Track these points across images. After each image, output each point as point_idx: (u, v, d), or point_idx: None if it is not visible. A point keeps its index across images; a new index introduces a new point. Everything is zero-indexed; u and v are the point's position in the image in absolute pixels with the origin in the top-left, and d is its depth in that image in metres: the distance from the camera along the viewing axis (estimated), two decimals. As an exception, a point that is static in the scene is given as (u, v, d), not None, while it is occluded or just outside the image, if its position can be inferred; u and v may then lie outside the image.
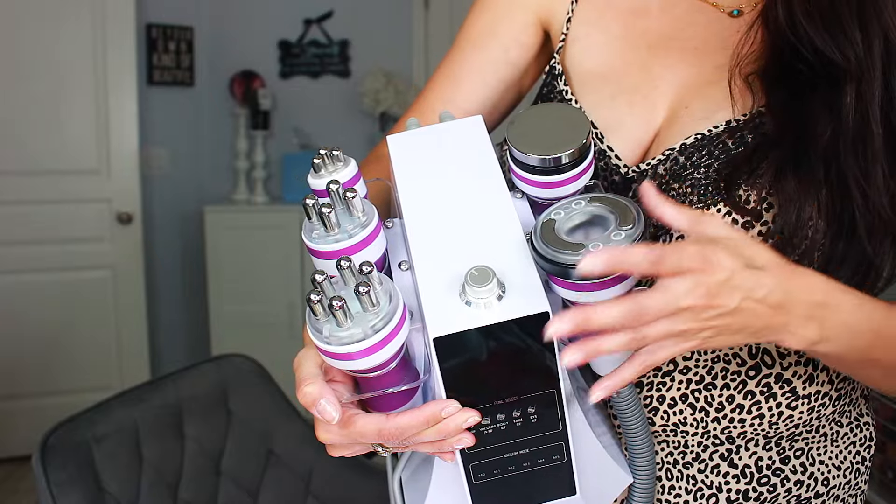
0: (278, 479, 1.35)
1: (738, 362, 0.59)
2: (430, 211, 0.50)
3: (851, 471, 0.66)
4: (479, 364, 0.44)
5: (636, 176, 0.63)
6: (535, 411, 0.46)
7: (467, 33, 0.74)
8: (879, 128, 0.53)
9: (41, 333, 2.81)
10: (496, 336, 0.43)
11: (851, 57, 0.53)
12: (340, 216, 0.48)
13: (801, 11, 0.55)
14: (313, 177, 0.53)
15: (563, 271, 0.43)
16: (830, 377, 0.61)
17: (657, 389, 0.60)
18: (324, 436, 0.48)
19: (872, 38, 0.53)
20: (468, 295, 0.43)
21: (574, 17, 0.69)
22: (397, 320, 0.43)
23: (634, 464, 0.57)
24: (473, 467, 0.48)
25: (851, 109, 0.53)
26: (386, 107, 3.17)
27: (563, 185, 0.51)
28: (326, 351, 0.43)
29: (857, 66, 0.53)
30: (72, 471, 1.07)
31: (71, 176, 2.81)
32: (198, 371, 1.35)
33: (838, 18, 0.54)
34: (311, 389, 0.45)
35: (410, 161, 0.54)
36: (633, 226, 0.43)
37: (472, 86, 0.73)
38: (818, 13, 0.55)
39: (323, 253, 0.48)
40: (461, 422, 0.45)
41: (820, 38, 0.54)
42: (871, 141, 0.53)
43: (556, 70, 0.70)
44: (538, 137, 0.51)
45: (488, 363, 0.44)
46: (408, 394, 0.49)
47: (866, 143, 0.53)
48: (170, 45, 3.13)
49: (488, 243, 0.47)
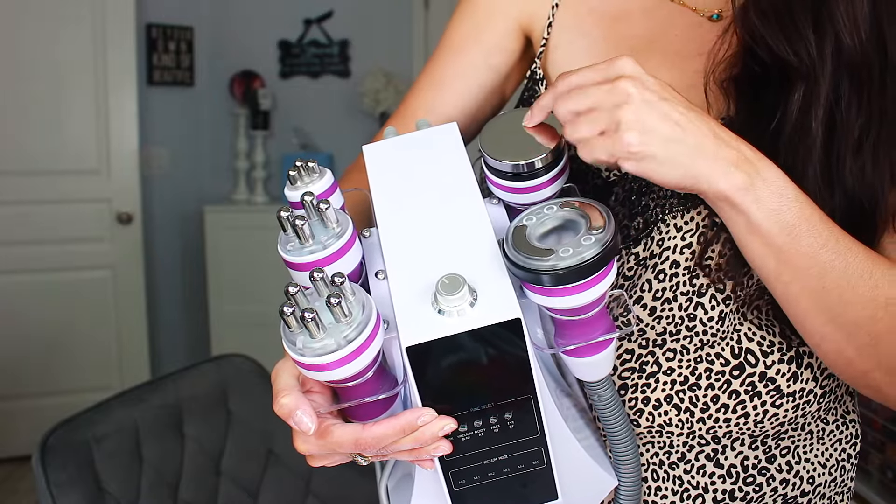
0: (278, 479, 1.35)
1: (722, 362, 0.60)
2: (403, 220, 0.50)
3: (837, 468, 0.66)
4: (454, 371, 0.44)
5: (617, 179, 0.63)
6: (512, 417, 0.46)
7: (449, 40, 0.75)
8: (820, 128, 0.53)
9: (41, 333, 2.81)
10: (469, 343, 0.43)
11: (804, 56, 0.53)
12: (315, 227, 0.48)
13: (755, 11, 0.55)
14: (289, 189, 0.53)
15: (534, 277, 0.43)
16: (815, 375, 0.61)
17: (641, 391, 0.61)
18: (302, 446, 0.48)
19: (825, 38, 0.53)
20: (440, 303, 0.43)
21: (555, 22, 0.70)
22: (370, 330, 0.43)
23: (619, 466, 0.58)
24: (453, 474, 0.48)
25: (796, 108, 0.54)
26: (386, 107, 3.17)
27: (538, 190, 0.52)
28: (301, 362, 0.43)
29: (809, 65, 0.53)
30: (72, 471, 1.07)
31: (71, 176, 2.81)
32: (198, 371, 1.35)
33: (792, 17, 0.54)
34: (286, 401, 0.45)
35: (385, 170, 0.54)
36: (603, 229, 0.44)
37: (453, 92, 0.73)
38: (773, 11, 0.55)
39: (297, 265, 0.48)
40: (437, 430, 0.45)
41: (773, 36, 0.54)
42: (810, 141, 0.54)
43: (537, 75, 0.70)
44: (511, 144, 0.51)
45: (463, 370, 0.44)
46: (386, 402, 0.49)
47: (805, 142, 0.54)
48: (170, 45, 3.13)
49: (461, 250, 0.47)
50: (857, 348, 0.52)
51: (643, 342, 0.61)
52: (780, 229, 0.50)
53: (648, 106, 0.48)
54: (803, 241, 0.50)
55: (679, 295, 0.59)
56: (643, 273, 0.61)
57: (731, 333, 0.60)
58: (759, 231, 0.50)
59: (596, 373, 0.53)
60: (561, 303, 0.45)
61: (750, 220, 0.50)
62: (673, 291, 0.59)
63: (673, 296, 0.60)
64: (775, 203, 0.49)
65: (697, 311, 0.59)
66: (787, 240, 0.50)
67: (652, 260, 0.60)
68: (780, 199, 0.49)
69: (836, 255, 0.50)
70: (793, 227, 0.50)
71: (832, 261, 0.50)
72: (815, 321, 0.53)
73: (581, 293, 0.44)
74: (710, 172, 0.48)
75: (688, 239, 0.59)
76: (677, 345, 0.60)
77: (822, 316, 0.52)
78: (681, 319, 0.60)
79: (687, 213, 0.59)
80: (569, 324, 0.49)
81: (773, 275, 0.52)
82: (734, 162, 0.49)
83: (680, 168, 0.48)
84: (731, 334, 0.60)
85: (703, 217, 0.58)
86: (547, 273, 0.42)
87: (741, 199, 0.49)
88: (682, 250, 0.59)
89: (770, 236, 0.50)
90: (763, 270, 0.53)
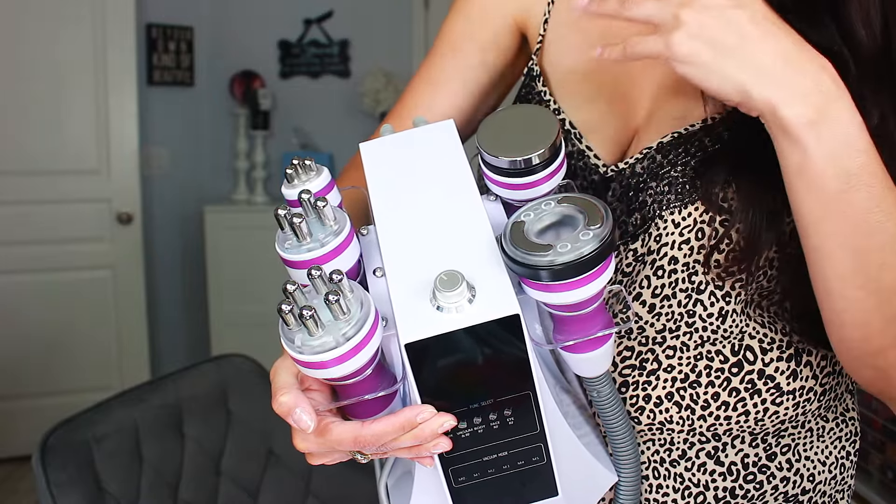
0: (278, 479, 1.35)
1: (721, 359, 0.60)
2: (400, 217, 0.50)
3: (837, 466, 0.66)
4: (453, 368, 0.44)
5: (615, 175, 0.63)
6: (511, 413, 0.46)
7: (445, 38, 0.75)
8: None
9: (41, 333, 2.81)
10: (468, 340, 0.43)
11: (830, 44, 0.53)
12: (312, 225, 0.48)
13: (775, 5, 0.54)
14: (286, 187, 0.53)
15: (532, 273, 0.43)
16: (815, 372, 0.61)
17: (642, 388, 0.61)
18: (301, 444, 0.48)
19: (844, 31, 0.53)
20: (438, 300, 0.43)
21: (551, 18, 0.70)
22: (369, 327, 0.43)
23: (618, 463, 0.58)
24: (453, 471, 0.48)
25: None
26: (386, 107, 3.17)
27: (536, 186, 0.52)
28: (300, 360, 0.43)
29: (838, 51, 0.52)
30: (72, 471, 1.07)
31: (71, 176, 2.81)
32: (198, 371, 1.35)
33: (814, 9, 0.54)
34: (285, 399, 0.45)
35: (382, 167, 0.54)
36: (601, 224, 0.44)
37: (450, 90, 0.73)
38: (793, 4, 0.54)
39: (295, 262, 0.48)
40: (437, 426, 0.45)
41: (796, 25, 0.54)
42: None
43: (534, 72, 0.70)
44: (508, 140, 0.51)
45: (462, 367, 0.44)
46: (386, 399, 0.49)
47: None
48: (170, 45, 3.13)
49: (459, 247, 0.47)
50: (885, 319, 0.50)
51: (643, 339, 0.61)
52: (836, 176, 0.47)
53: (715, 11, 0.46)
54: (859, 196, 0.47)
55: (678, 292, 0.59)
56: (641, 269, 0.61)
57: (734, 332, 0.60)
58: (812, 172, 0.47)
59: (595, 369, 0.53)
60: (559, 298, 0.45)
61: (806, 158, 0.47)
62: (672, 288, 0.60)
63: (672, 292, 0.60)
64: (839, 147, 0.46)
65: (696, 307, 0.59)
66: (842, 189, 0.47)
67: (650, 256, 0.60)
68: (846, 146, 0.46)
69: (887, 218, 0.48)
70: (851, 177, 0.47)
71: (883, 222, 0.48)
72: (848, 283, 0.50)
73: (579, 288, 0.44)
74: (768, 96, 0.46)
75: (685, 234, 0.59)
76: (677, 342, 0.60)
77: (857, 278, 0.49)
78: (680, 316, 0.60)
79: (685, 209, 0.59)
80: (567, 319, 0.49)
81: (814, 224, 0.49)
82: (803, 92, 0.46)
83: (729, 83, 0.46)
84: (734, 333, 0.60)
85: (700, 213, 0.58)
86: (545, 269, 0.42)
87: (800, 133, 0.46)
88: (679, 246, 0.59)
89: (823, 180, 0.47)
90: (804, 217, 0.50)
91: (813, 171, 0.47)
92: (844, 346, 0.54)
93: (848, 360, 0.55)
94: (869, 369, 0.54)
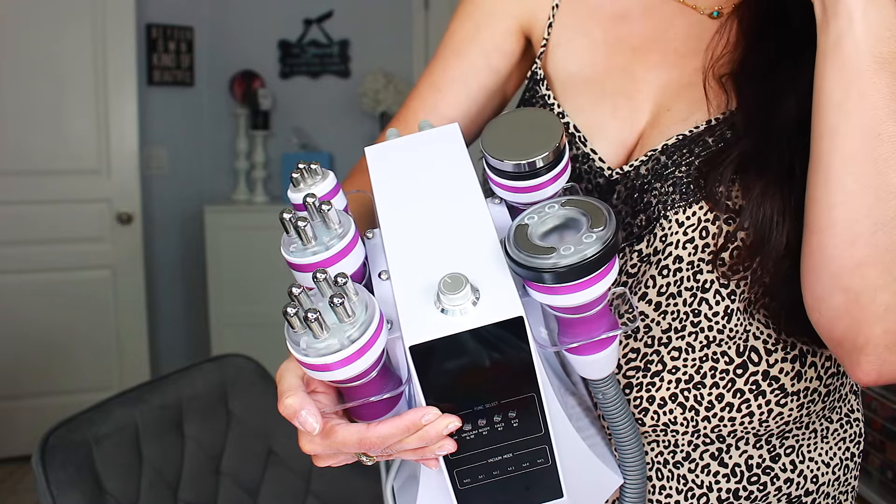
0: (278, 479, 1.35)
1: (727, 360, 0.60)
2: (405, 220, 0.50)
3: (841, 467, 0.66)
4: (458, 370, 0.44)
5: (620, 178, 0.63)
6: (516, 415, 0.46)
7: (449, 41, 0.75)
8: None
9: (41, 333, 2.81)
10: (472, 342, 0.43)
11: None
12: (318, 229, 0.48)
13: None
14: (292, 191, 0.53)
15: (536, 275, 0.43)
16: (819, 374, 0.61)
17: (647, 390, 0.61)
18: (307, 446, 0.48)
19: None
20: (443, 302, 0.43)
21: (555, 22, 0.70)
22: (374, 330, 0.43)
23: (624, 464, 0.58)
24: (458, 473, 0.49)
25: None
26: (386, 107, 3.17)
27: (540, 189, 0.52)
28: (305, 363, 0.43)
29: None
30: (72, 471, 1.07)
31: (71, 176, 2.81)
32: (198, 371, 1.35)
33: None
34: (291, 401, 0.45)
35: (387, 171, 0.55)
36: (604, 227, 0.44)
37: (454, 94, 0.73)
38: None
39: (300, 266, 0.48)
40: (441, 428, 0.45)
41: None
42: None
43: (538, 75, 0.70)
44: (512, 143, 0.51)
45: (466, 369, 0.44)
46: (391, 401, 0.49)
47: None
48: (170, 45, 3.13)
49: (463, 250, 0.47)
50: (874, 222, 0.48)
51: (648, 340, 0.61)
52: (870, 55, 0.47)
53: None
54: (885, 80, 0.47)
55: (683, 290, 0.59)
56: (647, 270, 0.61)
57: (738, 332, 0.60)
58: (848, 47, 0.48)
59: (600, 371, 0.53)
60: (563, 301, 0.45)
61: (847, 33, 0.48)
62: (677, 287, 0.60)
63: (677, 291, 0.60)
64: (880, 29, 0.47)
65: (702, 306, 0.59)
66: (874, 70, 0.47)
67: (655, 256, 0.60)
68: (887, 29, 0.47)
69: None
70: (884, 60, 0.47)
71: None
72: (850, 172, 0.49)
73: (583, 291, 0.44)
74: None
75: (690, 234, 0.59)
76: (682, 342, 0.60)
77: (862, 167, 0.48)
78: (685, 315, 0.60)
79: (689, 209, 0.59)
80: (572, 322, 0.49)
81: (836, 104, 0.49)
82: None
83: None
84: (739, 333, 0.60)
85: (704, 212, 0.58)
86: (548, 271, 0.42)
87: (849, 4, 0.47)
88: (684, 245, 0.59)
89: (857, 58, 0.48)
90: (827, 96, 0.49)
91: (851, 46, 0.48)
92: (825, 257, 0.51)
93: (823, 278, 0.51)
94: (840, 292, 0.50)
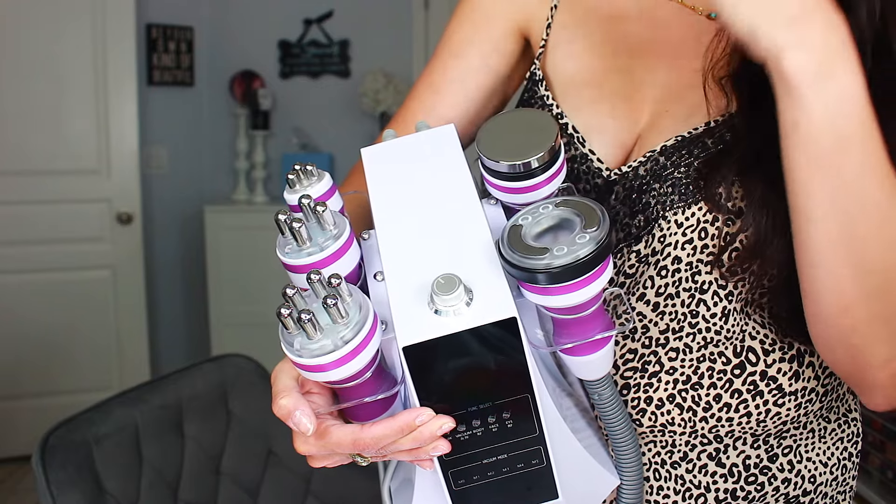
0: (278, 479, 1.35)
1: (724, 361, 0.60)
2: (400, 221, 0.51)
3: (839, 467, 0.66)
4: (451, 371, 0.44)
5: (618, 178, 0.63)
6: (510, 416, 0.46)
7: (447, 42, 0.75)
8: None
9: (41, 333, 2.81)
10: (466, 343, 0.43)
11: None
12: (313, 230, 0.48)
13: None
14: (288, 192, 0.53)
15: (529, 276, 0.43)
16: (816, 373, 0.61)
17: (644, 391, 0.61)
18: (301, 447, 0.48)
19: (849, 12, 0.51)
20: (436, 303, 0.43)
21: (554, 22, 0.70)
22: (367, 331, 0.43)
23: (620, 465, 0.58)
24: (452, 474, 0.49)
25: None
26: (386, 107, 3.17)
27: (535, 190, 0.52)
28: (299, 363, 0.43)
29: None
30: (72, 471, 1.07)
31: (71, 176, 2.81)
32: (198, 371, 1.35)
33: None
34: (285, 402, 0.45)
35: (382, 172, 0.55)
36: (598, 227, 0.44)
37: (453, 95, 0.73)
38: None
39: (295, 267, 0.48)
40: (435, 429, 0.45)
41: None
42: None
43: (536, 76, 0.70)
44: (507, 144, 0.51)
45: (460, 370, 0.44)
46: (386, 402, 0.49)
47: None
48: (170, 45, 3.13)
49: (457, 251, 0.47)
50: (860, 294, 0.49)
51: (646, 341, 0.61)
52: (831, 134, 0.45)
53: None
54: (851, 159, 0.46)
55: (682, 291, 0.60)
56: (645, 270, 0.61)
57: (736, 332, 0.60)
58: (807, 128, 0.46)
59: (595, 371, 0.53)
60: (557, 301, 0.45)
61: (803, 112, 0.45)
62: (675, 287, 0.60)
63: (675, 291, 0.60)
64: (839, 106, 0.45)
65: (700, 307, 0.59)
66: (835, 149, 0.46)
67: (654, 257, 0.60)
68: (846, 106, 0.45)
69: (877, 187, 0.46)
70: (846, 139, 0.45)
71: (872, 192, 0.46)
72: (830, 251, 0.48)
73: (576, 291, 0.44)
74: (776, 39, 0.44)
75: (688, 235, 0.59)
76: (680, 343, 0.60)
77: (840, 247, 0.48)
78: (683, 316, 0.60)
79: (688, 209, 0.59)
80: (566, 322, 0.49)
81: (803, 183, 0.48)
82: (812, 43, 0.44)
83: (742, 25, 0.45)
84: (736, 333, 0.60)
85: (703, 213, 0.58)
86: (542, 272, 0.43)
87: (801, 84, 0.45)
88: (682, 246, 0.59)
89: (818, 137, 0.46)
90: (794, 176, 0.48)
91: (808, 127, 0.46)
92: (821, 323, 0.52)
93: (823, 340, 0.53)
94: (842, 348, 0.52)
